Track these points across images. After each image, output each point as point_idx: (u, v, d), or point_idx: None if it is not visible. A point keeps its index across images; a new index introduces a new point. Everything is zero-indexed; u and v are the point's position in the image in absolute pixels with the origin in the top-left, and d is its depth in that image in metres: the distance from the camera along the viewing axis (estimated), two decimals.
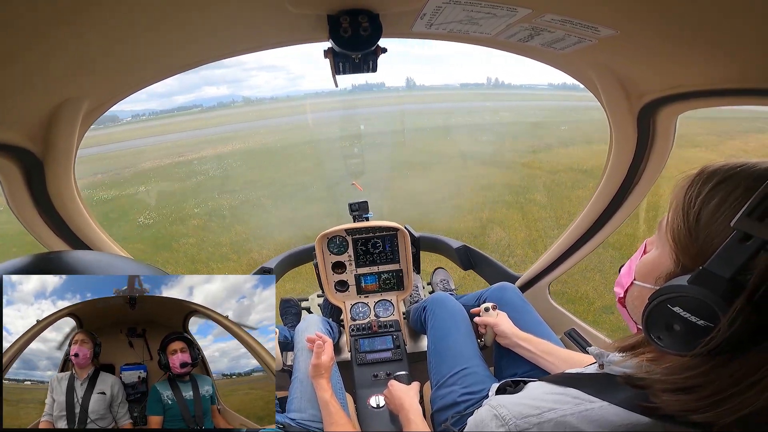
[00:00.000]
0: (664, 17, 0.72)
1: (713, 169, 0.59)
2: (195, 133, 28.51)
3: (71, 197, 1.27)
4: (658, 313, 0.58)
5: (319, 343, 1.54)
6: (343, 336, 2.21)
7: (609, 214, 1.58)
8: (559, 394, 0.69)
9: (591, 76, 1.14)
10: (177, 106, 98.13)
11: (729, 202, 0.55)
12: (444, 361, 1.45)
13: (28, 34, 0.66)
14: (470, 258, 2.43)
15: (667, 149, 1.26)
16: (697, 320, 0.53)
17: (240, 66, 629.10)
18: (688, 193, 0.60)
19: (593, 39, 0.86)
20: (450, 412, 1.27)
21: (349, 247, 2.17)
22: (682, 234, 0.59)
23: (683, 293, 0.55)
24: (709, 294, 0.52)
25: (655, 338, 0.59)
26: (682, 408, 0.56)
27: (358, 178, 10.69)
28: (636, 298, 0.71)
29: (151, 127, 40.36)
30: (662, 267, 0.64)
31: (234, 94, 71.02)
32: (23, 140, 1.03)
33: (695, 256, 0.57)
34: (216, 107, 69.13)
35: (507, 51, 1.11)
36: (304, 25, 0.94)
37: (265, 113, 43.95)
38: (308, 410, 1.46)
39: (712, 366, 0.55)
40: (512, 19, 0.84)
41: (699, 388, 0.55)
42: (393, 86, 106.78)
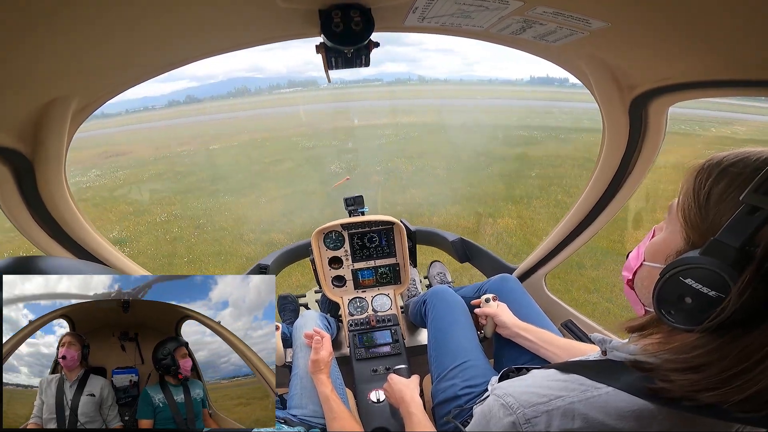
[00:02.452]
0: (654, 9, 0.72)
1: (721, 156, 0.63)
2: (378, 102, 33.08)
3: (62, 197, 1.26)
4: (670, 286, 0.60)
5: (317, 339, 1.54)
6: (342, 331, 2.21)
7: (602, 205, 1.59)
8: (565, 381, 0.70)
9: (583, 69, 1.15)
10: (362, 78, 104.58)
11: (737, 182, 0.58)
12: (445, 354, 1.46)
13: (13, 32, 0.65)
14: (466, 250, 2.44)
15: (659, 140, 1.27)
16: (708, 291, 0.56)
17: (418, 45, 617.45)
18: (698, 177, 0.63)
19: (585, 31, 0.87)
20: (451, 405, 1.28)
21: (346, 242, 2.17)
22: (692, 212, 0.62)
23: (695, 264, 0.57)
24: (720, 263, 0.55)
25: (665, 314, 0.61)
26: (691, 387, 0.57)
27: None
28: (645, 278, 0.73)
29: (343, 94, 46.08)
30: (672, 246, 0.66)
31: (411, 72, 76.93)
32: (12, 141, 1.02)
33: (705, 233, 0.60)
34: (394, 82, 73.97)
35: (500, 44, 1.10)
36: (295, 20, 0.93)
37: (439, 93, 46.63)
38: (309, 406, 1.46)
39: (721, 343, 0.56)
40: (504, 11, 0.84)
41: (707, 366, 0.57)
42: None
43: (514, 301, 1.59)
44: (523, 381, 0.77)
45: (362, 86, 71.52)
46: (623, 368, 0.68)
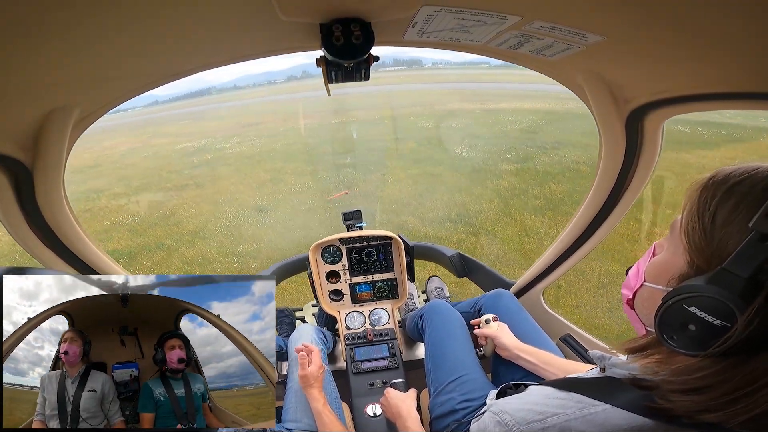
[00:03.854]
0: (650, 22, 0.73)
1: (727, 172, 0.60)
2: (490, 85, 30.06)
3: (60, 207, 1.25)
4: (673, 313, 0.58)
5: (303, 354, 1.51)
6: (339, 345, 2.19)
7: (600, 220, 1.59)
8: (562, 398, 0.69)
9: (580, 83, 1.16)
10: (468, 60, 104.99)
11: (745, 203, 0.55)
12: (442, 369, 1.44)
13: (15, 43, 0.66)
14: (464, 265, 2.44)
15: (655, 154, 1.28)
16: (714, 320, 0.54)
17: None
18: (702, 195, 0.60)
19: (581, 45, 0.88)
20: (449, 420, 1.26)
21: (343, 257, 2.16)
22: (697, 235, 0.59)
23: (701, 293, 0.55)
24: (727, 294, 0.52)
25: (668, 339, 0.59)
26: (693, 408, 0.56)
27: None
28: (646, 299, 0.71)
29: (450, 75, 46.09)
30: (675, 268, 0.64)
31: None
32: (12, 149, 1.02)
33: (710, 258, 0.58)
34: (501, 66, 74.32)
35: (498, 58, 1.12)
36: (296, 34, 0.94)
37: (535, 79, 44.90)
38: (304, 419, 1.44)
39: (725, 366, 0.55)
40: (502, 26, 0.86)
41: (711, 389, 0.55)
42: None
43: (510, 317, 1.58)
44: (520, 398, 0.76)
45: (467, 68, 71.59)
46: (622, 386, 0.67)
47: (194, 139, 17.67)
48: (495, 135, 13.26)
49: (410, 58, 58.50)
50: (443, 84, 34.19)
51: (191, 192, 9.93)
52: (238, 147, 14.57)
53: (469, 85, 32.39)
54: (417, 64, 55.32)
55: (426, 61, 63.67)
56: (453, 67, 69.78)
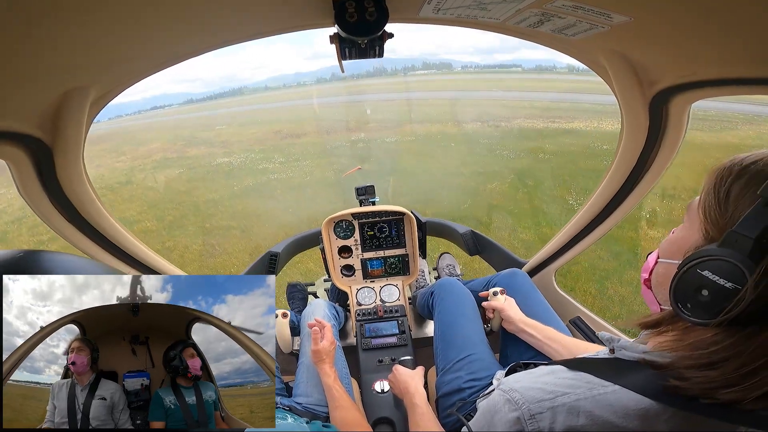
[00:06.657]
0: (678, 4, 0.70)
1: (744, 156, 0.63)
2: (548, 95, 26.06)
3: (81, 183, 1.28)
4: (687, 279, 0.61)
5: (316, 329, 1.55)
6: (350, 321, 2.23)
7: (617, 202, 1.56)
8: (572, 378, 0.70)
9: (602, 63, 1.11)
10: (498, 63, 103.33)
11: (757, 179, 0.58)
12: (450, 347, 1.46)
13: (32, 23, 0.66)
14: (477, 243, 2.43)
15: (679, 138, 1.23)
16: (725, 283, 0.56)
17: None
18: (719, 175, 0.64)
19: (606, 26, 0.84)
20: (455, 398, 1.29)
21: (356, 232, 2.18)
22: (712, 208, 0.63)
23: (713, 255, 0.58)
24: (736, 254, 0.55)
25: (682, 308, 0.61)
26: (707, 385, 0.57)
27: None
28: (661, 275, 0.73)
29: (479, 80, 44.39)
30: (690, 241, 0.66)
31: (555, 60, 64.43)
32: (32, 129, 1.04)
33: (724, 227, 0.60)
34: (535, 69, 69.60)
35: (516, 37, 1.08)
36: (309, 11, 0.92)
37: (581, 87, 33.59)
38: (314, 394, 1.49)
39: (738, 339, 0.57)
40: (521, 4, 0.82)
41: (725, 363, 0.57)
42: None
43: (523, 296, 1.58)
44: (530, 377, 0.76)
45: (497, 72, 62.89)
46: (632, 367, 0.68)
47: (232, 153, 15.41)
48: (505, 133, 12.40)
49: (440, 62, 57.07)
50: (489, 92, 29.66)
51: (235, 239, 7.58)
52: (282, 170, 12.26)
53: (523, 94, 26.76)
54: (447, 67, 52.92)
55: (456, 64, 61.93)
56: (483, 71, 64.29)
